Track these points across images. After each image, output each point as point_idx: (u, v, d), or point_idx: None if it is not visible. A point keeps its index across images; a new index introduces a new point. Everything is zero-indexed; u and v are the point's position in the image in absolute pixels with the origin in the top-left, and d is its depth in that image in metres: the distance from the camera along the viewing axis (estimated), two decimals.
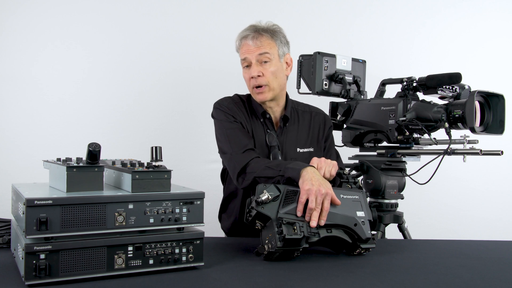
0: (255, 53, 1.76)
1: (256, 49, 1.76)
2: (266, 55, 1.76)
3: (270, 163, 1.62)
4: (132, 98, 2.73)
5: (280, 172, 1.54)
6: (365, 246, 1.45)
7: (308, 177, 1.43)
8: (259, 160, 1.67)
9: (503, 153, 1.75)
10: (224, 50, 2.80)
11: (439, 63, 2.87)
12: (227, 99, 1.89)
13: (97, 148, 1.18)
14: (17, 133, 2.60)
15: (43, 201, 1.07)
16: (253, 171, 1.63)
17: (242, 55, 1.81)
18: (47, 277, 1.07)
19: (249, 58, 1.78)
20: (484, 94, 1.86)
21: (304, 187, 1.40)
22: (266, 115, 1.85)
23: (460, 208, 2.93)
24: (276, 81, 1.79)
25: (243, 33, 1.81)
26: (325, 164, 1.56)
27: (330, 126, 1.99)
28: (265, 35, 1.77)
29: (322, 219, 1.38)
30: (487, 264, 1.41)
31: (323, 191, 1.38)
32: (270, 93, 1.80)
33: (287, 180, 1.52)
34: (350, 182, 1.56)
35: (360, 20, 2.94)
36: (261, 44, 1.76)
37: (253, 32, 1.78)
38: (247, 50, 1.78)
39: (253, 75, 1.77)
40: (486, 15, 2.98)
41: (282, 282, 1.17)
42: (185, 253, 1.24)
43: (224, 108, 1.83)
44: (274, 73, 1.78)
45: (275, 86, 1.80)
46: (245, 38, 1.79)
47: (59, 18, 2.65)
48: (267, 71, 1.77)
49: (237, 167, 1.67)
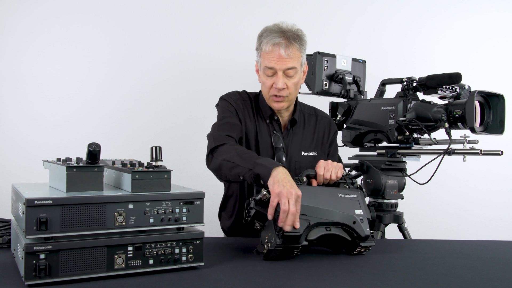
0: (285, 66, 1.69)
1: (287, 61, 1.69)
2: (293, 70, 1.71)
3: (242, 151, 1.55)
4: (132, 98, 2.73)
5: (250, 165, 1.47)
6: (364, 244, 1.45)
7: (279, 178, 1.36)
8: (234, 146, 1.62)
9: (503, 153, 1.75)
10: (224, 50, 2.81)
11: (439, 63, 2.87)
12: (235, 94, 1.87)
13: (97, 148, 1.18)
14: (17, 133, 2.61)
15: (43, 201, 1.07)
16: (224, 152, 1.59)
17: (270, 62, 1.70)
18: (47, 277, 1.07)
19: (277, 68, 1.70)
20: (484, 94, 1.86)
21: (275, 190, 1.33)
22: (274, 117, 1.84)
23: (460, 208, 2.93)
24: (295, 92, 1.78)
25: (274, 38, 1.69)
26: (331, 166, 1.56)
27: (335, 131, 1.98)
28: (295, 45, 1.70)
29: (296, 221, 1.33)
30: (487, 264, 1.41)
31: (294, 192, 1.33)
32: (287, 103, 1.79)
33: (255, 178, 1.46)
34: (347, 182, 1.57)
35: (360, 20, 2.94)
36: (292, 55, 1.69)
37: (285, 40, 1.68)
38: (277, 60, 1.69)
39: (278, 87, 1.71)
40: (486, 16, 2.98)
41: (282, 282, 1.17)
42: (185, 253, 1.24)
43: (230, 101, 1.83)
44: (296, 84, 1.76)
45: (293, 97, 1.79)
46: (278, 46, 1.68)
47: (59, 18, 2.65)
48: (290, 83, 1.73)
49: (211, 145, 1.65)
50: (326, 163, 1.57)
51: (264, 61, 1.72)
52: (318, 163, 1.58)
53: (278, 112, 1.84)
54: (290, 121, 1.86)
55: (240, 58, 2.75)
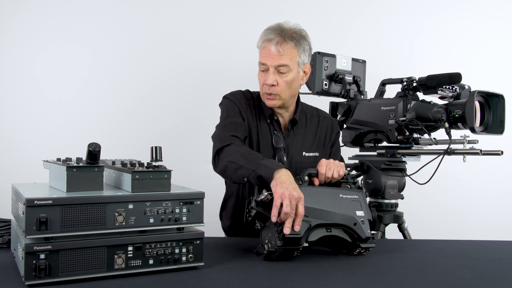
0: (275, 63, 1.68)
1: (277, 58, 1.68)
2: (285, 67, 1.69)
3: (247, 152, 1.55)
4: (132, 98, 2.73)
5: (253, 166, 1.47)
6: (364, 245, 1.45)
7: (282, 180, 1.36)
8: (239, 147, 1.61)
9: (503, 153, 1.75)
10: (224, 50, 2.81)
11: (439, 63, 2.87)
12: (239, 93, 1.87)
13: (97, 148, 1.18)
14: (17, 133, 2.61)
15: (43, 201, 1.07)
16: (229, 154, 1.58)
17: (262, 58, 1.72)
18: (47, 277, 1.07)
19: (268, 64, 1.70)
20: (484, 94, 1.86)
21: (277, 191, 1.34)
22: (274, 117, 1.84)
23: (460, 208, 2.93)
24: (288, 91, 1.75)
25: (268, 34, 1.70)
26: (333, 165, 1.56)
27: (338, 132, 1.96)
28: (290, 43, 1.68)
29: (297, 225, 1.33)
30: (487, 264, 1.41)
31: (297, 195, 1.33)
32: (279, 101, 1.77)
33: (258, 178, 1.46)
34: (349, 182, 1.57)
35: (360, 20, 2.94)
36: (283, 52, 1.67)
37: (278, 37, 1.67)
38: (267, 56, 1.69)
39: (267, 83, 1.71)
40: (486, 16, 2.98)
41: (282, 282, 1.17)
42: (185, 253, 1.24)
43: (234, 100, 1.82)
44: (289, 83, 1.73)
45: (286, 96, 1.76)
46: (269, 41, 1.68)
47: (59, 18, 2.65)
48: (282, 81, 1.71)
49: (217, 145, 1.64)
50: (328, 161, 1.57)
51: (259, 57, 1.74)
52: (320, 161, 1.58)
53: (277, 112, 1.84)
54: (291, 121, 1.86)
55: (240, 58, 2.75)
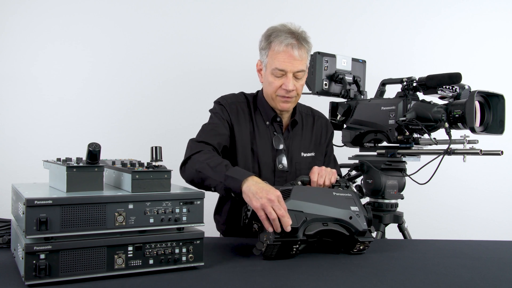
0: (296, 68, 1.69)
1: (298, 64, 1.69)
2: (302, 72, 1.72)
3: (213, 162, 1.54)
4: (132, 98, 2.73)
5: (220, 178, 1.48)
6: (362, 239, 1.45)
7: (252, 191, 1.36)
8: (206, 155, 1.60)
9: (503, 153, 1.75)
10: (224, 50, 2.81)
11: (439, 63, 2.87)
12: (231, 97, 1.86)
13: (97, 148, 1.18)
14: (17, 133, 2.61)
15: (43, 201, 1.07)
16: (195, 162, 1.58)
17: (281, 64, 1.68)
18: (47, 277, 1.07)
19: (288, 70, 1.69)
20: (484, 94, 1.86)
21: (255, 205, 1.34)
22: (277, 119, 1.83)
23: (460, 208, 2.93)
24: (300, 93, 1.79)
25: (287, 39, 1.67)
26: (325, 172, 1.58)
27: (332, 131, 1.99)
28: (305, 47, 1.70)
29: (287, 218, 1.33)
30: (487, 264, 1.41)
31: (273, 197, 1.33)
32: (293, 104, 1.80)
33: None
34: (341, 186, 1.58)
35: (360, 20, 2.94)
36: (302, 57, 1.69)
37: (297, 41, 1.68)
38: (289, 61, 1.68)
39: (289, 89, 1.71)
40: (486, 16, 2.98)
41: (282, 282, 1.17)
42: (185, 253, 1.24)
43: (224, 104, 1.81)
44: (303, 86, 1.78)
45: (299, 98, 1.80)
46: (291, 46, 1.67)
47: (59, 18, 2.65)
48: (299, 85, 1.74)
49: (187, 154, 1.65)
50: (320, 169, 1.59)
51: (274, 62, 1.70)
52: (312, 169, 1.60)
53: (280, 113, 1.84)
54: (292, 122, 1.86)
55: (240, 58, 2.75)
